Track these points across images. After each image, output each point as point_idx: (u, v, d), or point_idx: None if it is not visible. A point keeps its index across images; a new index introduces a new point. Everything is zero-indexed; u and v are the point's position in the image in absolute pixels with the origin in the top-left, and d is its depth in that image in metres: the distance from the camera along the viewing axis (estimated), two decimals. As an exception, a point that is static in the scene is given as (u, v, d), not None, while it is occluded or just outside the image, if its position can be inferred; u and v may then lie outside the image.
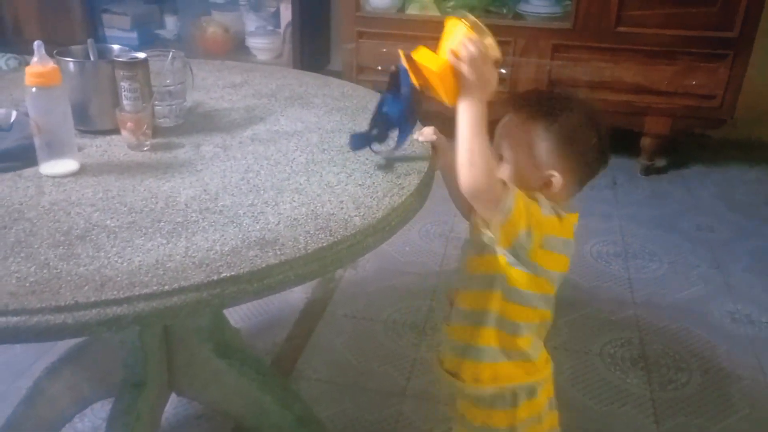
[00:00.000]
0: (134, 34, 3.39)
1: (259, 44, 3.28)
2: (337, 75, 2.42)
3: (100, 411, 1.56)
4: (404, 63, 0.97)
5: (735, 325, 2.02)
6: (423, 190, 1.07)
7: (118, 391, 1.27)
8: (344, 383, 1.77)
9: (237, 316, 1.99)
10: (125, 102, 1.16)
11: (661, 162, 3.04)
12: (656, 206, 2.71)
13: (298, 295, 2.14)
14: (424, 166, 1.12)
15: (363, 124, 1.21)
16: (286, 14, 3.16)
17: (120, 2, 3.45)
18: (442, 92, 0.94)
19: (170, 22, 3.47)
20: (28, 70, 1.01)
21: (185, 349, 1.31)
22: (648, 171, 2.95)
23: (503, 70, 2.72)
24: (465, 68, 0.91)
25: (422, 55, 0.96)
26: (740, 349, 1.92)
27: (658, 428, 1.63)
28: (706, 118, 2.78)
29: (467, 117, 0.92)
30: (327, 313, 2.06)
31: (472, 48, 0.90)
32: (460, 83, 0.93)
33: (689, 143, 3.23)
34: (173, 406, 1.65)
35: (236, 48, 3.36)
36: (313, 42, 3.19)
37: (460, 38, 0.91)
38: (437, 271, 2.28)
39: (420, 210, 1.06)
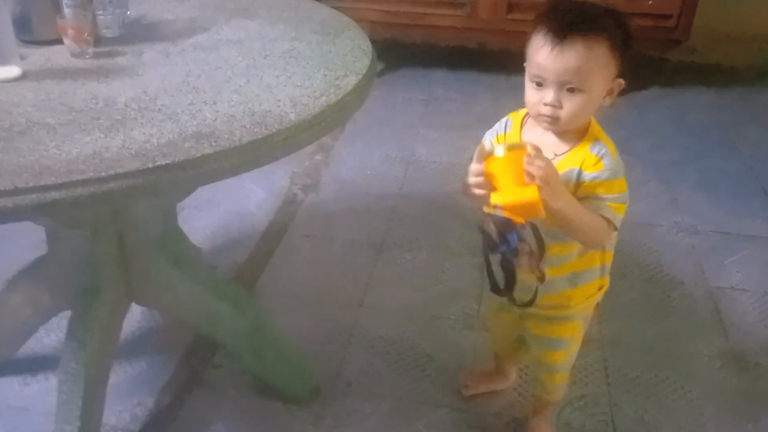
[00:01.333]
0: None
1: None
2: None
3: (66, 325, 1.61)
4: (502, 214, 0.96)
5: (680, 235, 2.11)
6: (360, 91, 1.11)
7: (76, 298, 1.31)
8: (302, 297, 1.83)
9: (199, 237, 2.03)
10: (66, 10, 1.17)
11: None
12: (609, 129, 2.76)
13: (259, 217, 2.18)
14: (363, 67, 1.15)
15: (306, 36, 1.24)
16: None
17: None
18: (540, 212, 0.94)
19: None
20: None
21: (140, 258, 1.35)
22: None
23: None
24: (544, 184, 0.93)
25: (506, 196, 0.95)
26: (684, 257, 2.01)
27: (600, 330, 1.72)
28: (662, 40, 2.82)
29: (568, 214, 0.99)
30: (288, 234, 2.11)
31: (537, 167, 0.93)
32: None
33: (647, 67, 3.26)
34: (137, 319, 1.71)
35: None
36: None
37: (522, 164, 0.94)
38: (397, 193, 2.33)
39: (357, 109, 1.10)
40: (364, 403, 1.53)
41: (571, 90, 0.99)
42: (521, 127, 1.11)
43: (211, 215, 2.17)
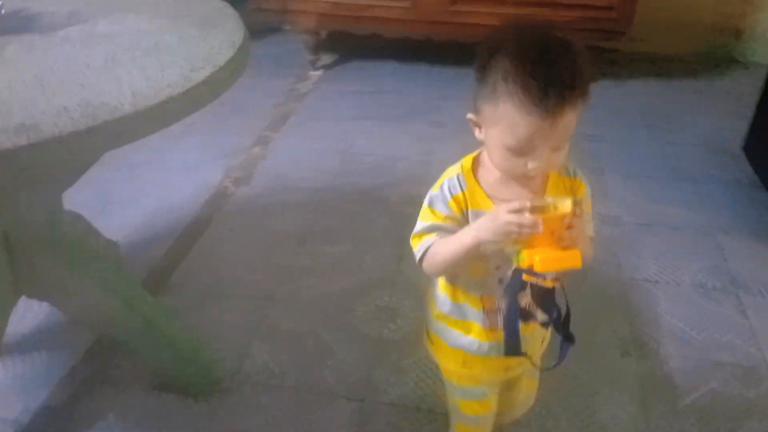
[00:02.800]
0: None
1: None
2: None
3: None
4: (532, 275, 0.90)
5: (603, 227, 2.11)
6: (215, 83, 1.11)
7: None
8: (216, 292, 1.84)
9: (123, 231, 2.03)
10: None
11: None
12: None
13: (186, 211, 2.18)
14: (223, 60, 1.15)
15: (182, 29, 1.24)
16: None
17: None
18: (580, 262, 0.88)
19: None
20: None
21: (25, 255, 1.34)
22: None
23: None
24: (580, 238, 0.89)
25: (551, 262, 0.87)
26: (602, 249, 2.01)
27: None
28: (605, 30, 2.81)
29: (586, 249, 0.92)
30: (211, 227, 2.11)
31: (575, 230, 0.87)
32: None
33: (601, 59, 3.26)
34: (45, 313, 1.71)
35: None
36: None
37: (555, 223, 0.86)
38: (329, 186, 2.33)
39: (210, 101, 1.10)
40: (262, 396, 1.53)
41: (558, 148, 0.89)
42: (478, 183, 0.96)
43: (138, 209, 2.17)
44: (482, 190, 0.95)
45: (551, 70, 0.82)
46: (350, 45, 3.31)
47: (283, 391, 1.54)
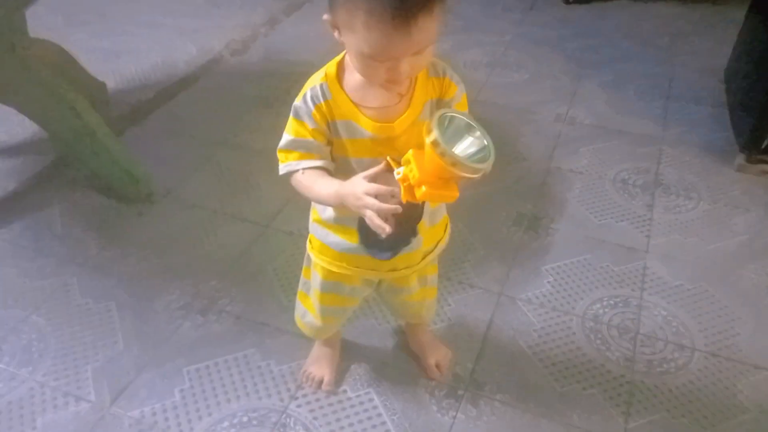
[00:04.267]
0: None
1: None
2: None
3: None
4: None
5: (555, 124, 2.19)
6: None
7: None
8: (176, 132, 2.08)
9: (117, 77, 2.31)
10: None
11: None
12: (556, 28, 2.79)
13: (180, 69, 2.42)
14: None
15: None
16: None
17: None
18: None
19: None
20: None
21: None
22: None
23: None
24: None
25: (432, 194, 0.87)
26: (543, 142, 2.10)
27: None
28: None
29: None
30: (195, 86, 2.35)
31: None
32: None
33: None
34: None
35: None
36: None
37: (436, 161, 0.84)
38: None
39: None
40: (184, 211, 1.78)
41: (420, 52, 0.86)
42: (342, 90, 0.94)
43: (136, 61, 2.44)
44: (347, 97, 0.93)
45: None
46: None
47: (203, 212, 1.78)
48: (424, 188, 0.86)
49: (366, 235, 1.03)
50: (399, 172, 0.87)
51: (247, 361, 1.40)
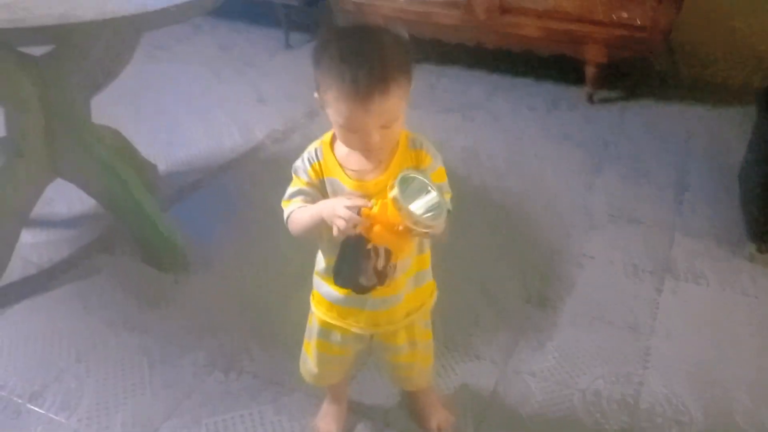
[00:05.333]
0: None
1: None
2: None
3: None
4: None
5: (570, 211, 2.30)
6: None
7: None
8: (216, 215, 2.28)
9: (166, 160, 2.55)
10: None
11: (613, 94, 3.23)
12: (577, 124, 2.95)
13: (223, 154, 2.65)
14: None
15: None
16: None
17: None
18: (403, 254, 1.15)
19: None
20: None
21: (65, 133, 1.84)
22: (592, 99, 3.16)
23: None
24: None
25: (386, 240, 1.05)
26: (559, 225, 2.22)
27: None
28: (639, 48, 2.96)
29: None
30: (236, 170, 2.57)
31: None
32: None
33: (650, 83, 3.37)
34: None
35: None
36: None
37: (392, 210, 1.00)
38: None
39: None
40: (217, 279, 1.94)
41: (387, 126, 1.04)
42: (332, 151, 1.13)
43: (188, 147, 2.68)
44: (335, 159, 1.12)
45: (362, 63, 0.99)
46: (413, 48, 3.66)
47: (234, 281, 1.94)
48: (377, 228, 1.01)
49: (338, 264, 1.15)
50: (367, 206, 1.03)
51: (261, 417, 1.50)
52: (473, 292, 1.89)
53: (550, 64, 3.31)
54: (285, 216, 1.16)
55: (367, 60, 1.00)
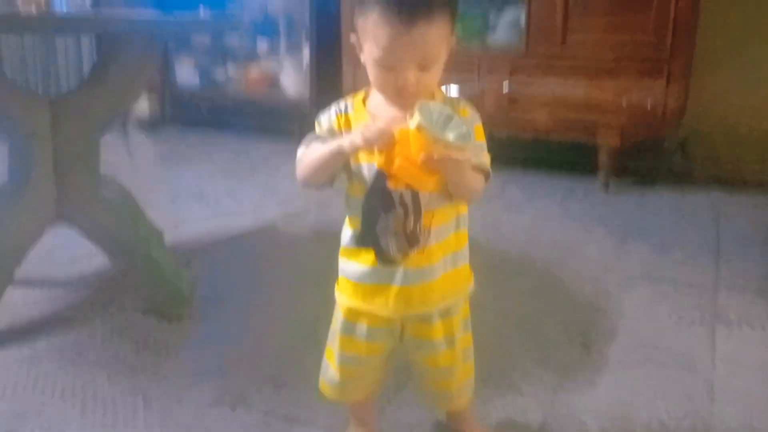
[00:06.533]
0: (197, 74, 4.18)
1: (288, 81, 3.92)
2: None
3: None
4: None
5: (604, 267, 2.16)
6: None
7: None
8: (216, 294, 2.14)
9: (181, 230, 2.45)
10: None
11: (629, 182, 3.19)
12: (597, 208, 2.87)
13: (234, 230, 2.55)
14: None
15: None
16: (307, 57, 3.81)
17: (190, 51, 4.25)
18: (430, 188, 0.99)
19: (229, 66, 4.19)
20: None
21: (74, 171, 1.75)
22: (608, 185, 3.11)
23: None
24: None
25: (408, 175, 0.95)
26: (589, 277, 2.07)
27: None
28: (651, 133, 2.97)
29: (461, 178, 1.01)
30: (237, 246, 2.46)
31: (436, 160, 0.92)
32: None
33: (667, 174, 3.35)
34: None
35: (272, 85, 4.02)
36: (328, 77, 3.76)
37: (425, 146, 0.92)
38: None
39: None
40: (221, 321, 1.76)
41: (425, 68, 0.99)
42: (364, 105, 1.07)
43: (197, 225, 2.59)
44: (366, 111, 1.06)
45: None
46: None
47: (238, 322, 1.76)
48: (398, 160, 0.93)
49: (362, 222, 1.05)
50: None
51: (273, 451, 1.28)
52: (513, 335, 1.72)
53: (562, 153, 3.31)
54: (297, 156, 1.06)
55: None
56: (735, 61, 3.17)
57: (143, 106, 4.72)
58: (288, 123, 3.93)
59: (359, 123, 1.05)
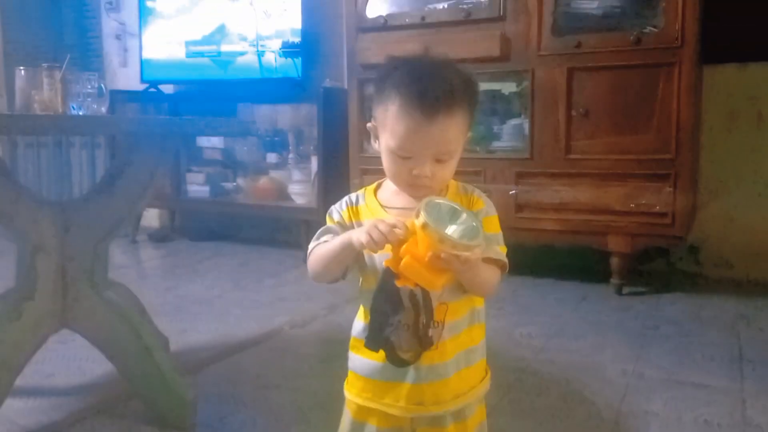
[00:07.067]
0: (207, 187, 4.26)
1: (296, 190, 3.98)
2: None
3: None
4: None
5: (621, 376, 2.08)
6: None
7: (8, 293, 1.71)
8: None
9: (184, 340, 2.39)
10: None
11: (642, 288, 3.14)
12: (612, 313, 2.81)
13: (238, 339, 2.50)
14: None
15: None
16: (315, 167, 3.89)
17: (201, 165, 4.35)
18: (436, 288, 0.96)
19: (239, 179, 4.28)
20: None
21: (80, 278, 1.73)
22: (621, 291, 3.06)
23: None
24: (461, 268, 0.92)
25: (416, 275, 0.92)
26: (608, 389, 1.98)
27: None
28: (662, 236, 2.95)
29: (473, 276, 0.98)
30: (252, 351, 2.40)
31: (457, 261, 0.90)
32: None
33: (681, 277, 3.31)
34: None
35: (280, 196, 4.07)
36: (335, 187, 3.81)
37: (433, 245, 0.89)
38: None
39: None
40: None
41: (442, 161, 0.99)
42: (375, 197, 1.07)
43: (202, 333, 2.54)
44: (378, 202, 1.06)
45: (431, 79, 0.97)
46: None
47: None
48: (406, 259, 0.91)
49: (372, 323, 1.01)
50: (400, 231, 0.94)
51: None
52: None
53: (573, 259, 3.28)
54: (308, 249, 1.06)
55: (437, 79, 0.97)
56: (743, 168, 3.22)
57: (154, 218, 4.80)
58: (296, 233, 3.96)
59: (370, 215, 1.05)
